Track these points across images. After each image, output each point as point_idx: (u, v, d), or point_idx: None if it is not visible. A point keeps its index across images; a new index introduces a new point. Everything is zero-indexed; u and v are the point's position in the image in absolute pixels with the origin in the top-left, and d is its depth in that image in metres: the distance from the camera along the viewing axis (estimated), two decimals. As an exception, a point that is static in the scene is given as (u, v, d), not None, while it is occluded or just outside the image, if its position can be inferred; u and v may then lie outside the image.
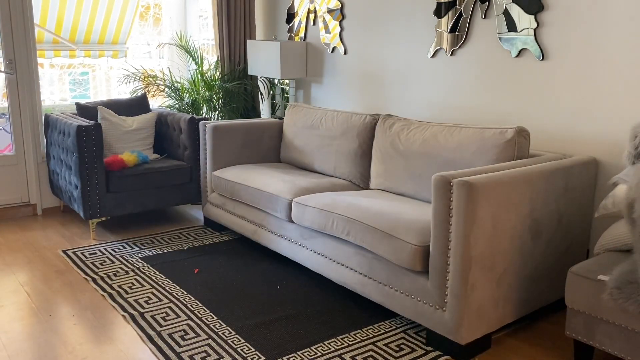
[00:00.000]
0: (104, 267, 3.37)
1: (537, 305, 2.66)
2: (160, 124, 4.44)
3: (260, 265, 3.40)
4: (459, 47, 3.48)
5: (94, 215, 3.80)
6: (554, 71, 3.04)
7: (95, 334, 2.61)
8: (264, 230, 3.44)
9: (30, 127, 4.33)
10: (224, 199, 3.82)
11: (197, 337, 2.57)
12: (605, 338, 2.16)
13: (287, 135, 4.03)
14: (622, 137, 2.78)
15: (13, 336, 2.58)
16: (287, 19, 4.80)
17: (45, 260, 3.48)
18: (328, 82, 4.50)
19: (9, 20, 4.15)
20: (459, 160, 2.89)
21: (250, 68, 4.65)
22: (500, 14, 3.22)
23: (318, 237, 3.02)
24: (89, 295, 3.01)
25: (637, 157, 2.40)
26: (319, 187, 3.33)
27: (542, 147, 3.14)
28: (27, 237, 3.92)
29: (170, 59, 5.25)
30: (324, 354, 2.43)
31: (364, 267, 2.73)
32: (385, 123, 3.37)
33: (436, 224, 2.35)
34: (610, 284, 2.08)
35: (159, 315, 2.76)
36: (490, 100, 3.37)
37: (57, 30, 5.31)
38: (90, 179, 3.73)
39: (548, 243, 2.62)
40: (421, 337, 2.58)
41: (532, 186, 2.48)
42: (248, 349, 2.46)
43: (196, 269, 3.33)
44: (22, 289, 3.08)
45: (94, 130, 3.70)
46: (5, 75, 4.23)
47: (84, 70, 6.22)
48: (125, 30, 5.61)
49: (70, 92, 6.28)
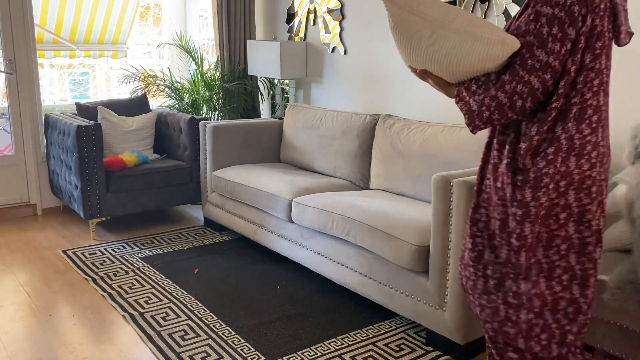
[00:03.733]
0: (104, 267, 3.37)
1: (537, 305, 2.66)
2: (160, 124, 4.44)
3: (261, 266, 3.40)
4: (459, 47, 3.47)
5: (94, 215, 3.80)
6: (554, 71, 3.03)
7: (95, 334, 2.61)
8: (264, 230, 3.44)
9: (30, 127, 4.33)
10: (224, 199, 3.82)
11: (197, 337, 2.57)
12: (605, 338, 2.16)
13: (287, 135, 4.03)
14: (622, 137, 2.78)
15: (13, 336, 2.58)
16: (287, 19, 4.80)
17: (45, 261, 3.48)
18: (328, 82, 4.50)
19: (9, 20, 4.15)
20: (459, 160, 2.89)
21: (250, 68, 4.65)
22: (500, 14, 3.22)
23: (318, 237, 3.02)
24: (89, 295, 3.01)
25: (637, 157, 2.40)
26: (319, 187, 3.33)
27: (542, 147, 3.14)
28: (27, 237, 3.92)
29: (170, 59, 5.25)
30: (324, 354, 2.43)
31: (364, 267, 2.73)
32: (385, 123, 3.37)
33: (436, 224, 2.35)
34: (610, 284, 2.08)
35: (159, 315, 2.76)
36: (490, 100, 3.36)
37: (57, 30, 5.31)
38: (90, 179, 3.73)
39: (548, 243, 2.62)
40: (421, 337, 2.58)
41: (532, 186, 2.47)
42: (248, 349, 2.46)
43: (196, 269, 3.33)
44: (22, 289, 3.08)
45: (94, 130, 3.70)
46: (5, 75, 4.23)
47: (84, 70, 6.23)
48: (125, 31, 5.61)
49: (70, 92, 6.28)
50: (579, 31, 1.52)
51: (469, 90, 1.65)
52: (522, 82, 1.55)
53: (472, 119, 1.64)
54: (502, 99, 1.58)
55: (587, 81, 1.56)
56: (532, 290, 1.65)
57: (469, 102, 1.65)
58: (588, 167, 1.58)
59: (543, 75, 1.54)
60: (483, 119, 1.62)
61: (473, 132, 1.67)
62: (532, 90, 1.55)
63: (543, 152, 1.58)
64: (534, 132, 1.60)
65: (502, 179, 1.66)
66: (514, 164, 1.63)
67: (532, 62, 1.54)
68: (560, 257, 1.64)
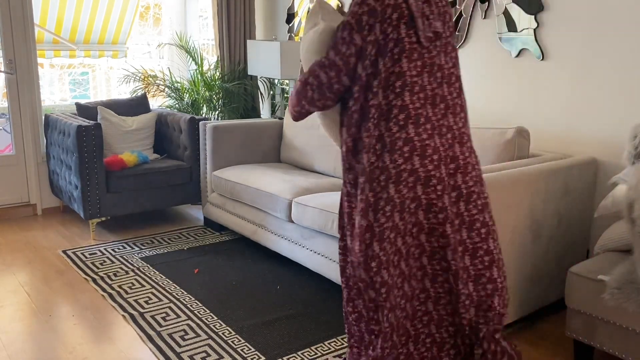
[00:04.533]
0: (104, 267, 3.37)
1: (537, 305, 2.66)
2: (160, 124, 4.44)
3: (260, 266, 3.40)
4: (459, 47, 3.47)
5: (94, 215, 3.80)
6: (554, 71, 3.04)
7: (95, 334, 2.61)
8: (264, 231, 3.44)
9: (30, 127, 4.33)
10: (224, 199, 3.82)
11: (197, 337, 2.57)
12: (605, 338, 2.16)
13: (287, 135, 4.04)
14: (622, 137, 2.78)
15: (13, 336, 2.58)
16: (287, 19, 4.80)
17: (45, 260, 3.48)
18: (328, 82, 4.49)
19: (9, 20, 4.15)
20: (459, 160, 2.88)
21: (250, 68, 4.65)
22: (500, 14, 3.22)
23: (318, 237, 3.02)
24: (89, 295, 3.01)
25: (637, 157, 2.40)
26: (319, 187, 3.33)
27: (542, 147, 3.14)
28: (27, 237, 3.92)
29: (170, 59, 5.25)
30: (324, 354, 2.43)
31: (364, 267, 2.73)
32: (385, 123, 3.37)
33: (436, 224, 2.34)
34: (610, 284, 2.08)
35: (159, 316, 2.76)
36: (490, 100, 3.37)
37: (57, 30, 5.31)
38: (90, 179, 3.73)
39: (548, 243, 2.62)
40: (421, 337, 2.58)
41: (532, 186, 2.48)
42: (248, 349, 2.46)
43: (196, 269, 3.33)
44: (22, 289, 3.08)
45: (94, 130, 3.70)
46: (5, 75, 4.23)
47: (84, 70, 6.22)
48: (125, 31, 5.60)
49: (70, 92, 6.28)
50: (365, 39, 1.75)
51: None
52: (313, 75, 1.83)
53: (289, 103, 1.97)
54: (297, 87, 1.89)
55: (389, 84, 1.76)
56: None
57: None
58: (402, 161, 1.75)
59: (329, 72, 1.80)
60: (290, 103, 1.95)
61: (292, 116, 1.98)
62: (320, 84, 1.82)
63: (360, 151, 1.82)
64: (345, 135, 1.85)
65: (344, 178, 1.92)
66: (345, 165, 1.89)
67: (324, 60, 1.82)
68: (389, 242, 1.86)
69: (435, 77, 1.80)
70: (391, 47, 1.74)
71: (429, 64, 1.78)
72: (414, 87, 1.76)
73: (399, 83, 1.75)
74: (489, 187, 2.28)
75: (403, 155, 1.75)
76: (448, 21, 1.85)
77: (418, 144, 1.76)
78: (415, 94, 1.76)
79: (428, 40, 1.78)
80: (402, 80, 1.75)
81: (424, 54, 1.78)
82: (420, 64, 1.77)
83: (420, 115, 1.77)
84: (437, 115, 1.80)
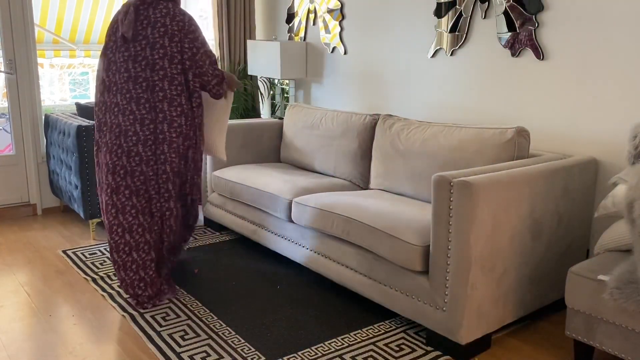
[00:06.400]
0: (104, 267, 3.37)
1: (537, 305, 2.66)
2: (160, 124, 4.43)
3: (260, 265, 3.40)
4: (459, 47, 3.48)
5: (94, 215, 3.80)
6: (553, 71, 3.04)
7: (95, 334, 2.61)
8: (264, 230, 3.44)
9: (30, 127, 4.33)
10: (224, 199, 3.82)
11: (197, 337, 2.57)
12: (605, 338, 2.16)
13: (287, 135, 4.03)
14: (622, 137, 2.78)
15: (13, 336, 2.58)
16: (287, 19, 4.80)
17: (45, 260, 3.48)
18: (328, 82, 4.50)
19: (9, 20, 4.15)
20: (459, 160, 2.89)
21: (250, 68, 4.65)
22: (500, 14, 3.22)
23: (318, 237, 3.02)
24: (89, 295, 3.01)
25: (637, 157, 2.40)
26: (319, 187, 3.33)
27: (542, 147, 3.15)
28: (27, 237, 3.92)
29: (170, 59, 5.23)
30: (324, 354, 2.43)
31: (364, 267, 2.73)
32: (385, 123, 3.37)
33: (436, 224, 2.35)
34: (610, 284, 2.08)
35: (159, 316, 2.77)
36: (490, 100, 3.37)
37: (57, 30, 5.31)
38: (90, 179, 3.73)
39: (548, 243, 2.62)
40: (421, 337, 2.58)
41: (532, 186, 2.48)
42: (248, 349, 2.46)
43: (196, 269, 3.33)
44: (22, 289, 3.08)
45: (94, 130, 3.70)
46: (5, 75, 4.23)
47: (84, 70, 6.22)
48: (125, 30, 5.59)
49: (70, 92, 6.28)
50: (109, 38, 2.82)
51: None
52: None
53: None
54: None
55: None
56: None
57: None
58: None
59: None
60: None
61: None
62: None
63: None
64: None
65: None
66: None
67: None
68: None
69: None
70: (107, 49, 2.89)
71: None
72: (114, 86, 2.83)
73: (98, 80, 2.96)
74: (488, 188, 2.29)
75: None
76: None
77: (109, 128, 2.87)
78: (111, 92, 2.84)
79: (121, 39, 2.74)
80: (101, 78, 2.89)
81: (109, 53, 2.80)
82: (111, 64, 2.80)
83: (116, 108, 2.80)
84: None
